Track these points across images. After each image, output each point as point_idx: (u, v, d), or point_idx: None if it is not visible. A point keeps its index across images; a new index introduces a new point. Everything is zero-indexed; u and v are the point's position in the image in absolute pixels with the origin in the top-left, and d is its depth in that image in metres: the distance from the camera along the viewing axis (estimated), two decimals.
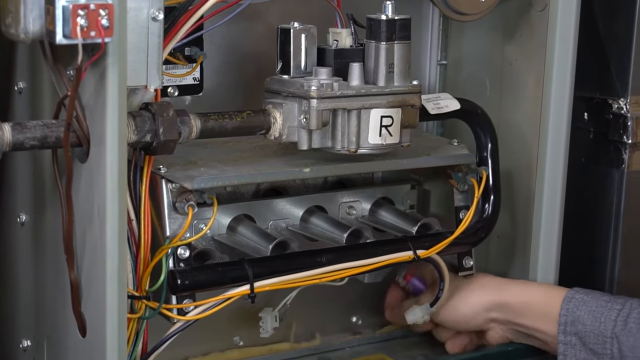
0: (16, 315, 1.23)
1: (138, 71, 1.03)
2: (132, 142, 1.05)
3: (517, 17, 1.32)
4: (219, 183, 1.13)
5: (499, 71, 1.36)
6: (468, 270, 1.32)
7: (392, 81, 1.17)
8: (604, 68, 1.42)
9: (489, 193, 1.29)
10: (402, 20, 1.17)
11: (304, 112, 1.13)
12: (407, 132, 1.19)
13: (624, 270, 1.44)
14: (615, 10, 1.40)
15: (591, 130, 1.45)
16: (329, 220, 1.26)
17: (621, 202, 1.43)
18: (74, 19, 0.91)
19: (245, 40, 1.30)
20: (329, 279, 1.19)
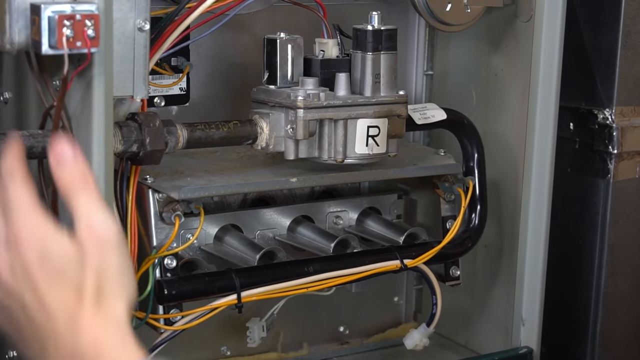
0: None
1: (124, 81, 1.03)
2: (118, 152, 1.05)
3: (503, 27, 1.33)
4: (206, 193, 1.13)
5: (484, 81, 1.37)
6: (455, 280, 1.32)
7: (379, 91, 1.17)
8: (589, 78, 1.43)
9: (476, 203, 1.30)
10: (389, 31, 1.17)
11: (290, 122, 1.14)
12: (393, 142, 1.20)
13: (610, 279, 1.44)
14: (600, 21, 1.41)
15: (577, 140, 1.46)
16: (316, 230, 1.26)
17: (607, 212, 1.43)
18: (59, 29, 0.91)
19: (231, 51, 1.30)
20: (316, 288, 1.19)
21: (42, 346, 0.85)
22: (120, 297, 0.84)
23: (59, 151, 0.85)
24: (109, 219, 0.85)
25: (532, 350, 1.35)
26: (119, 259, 0.84)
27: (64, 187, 0.85)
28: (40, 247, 0.84)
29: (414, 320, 1.48)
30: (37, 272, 0.83)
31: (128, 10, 1.01)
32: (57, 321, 0.83)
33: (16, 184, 0.86)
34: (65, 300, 0.83)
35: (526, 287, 1.34)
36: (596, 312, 1.45)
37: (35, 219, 0.85)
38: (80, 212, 0.84)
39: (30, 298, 0.84)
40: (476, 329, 1.42)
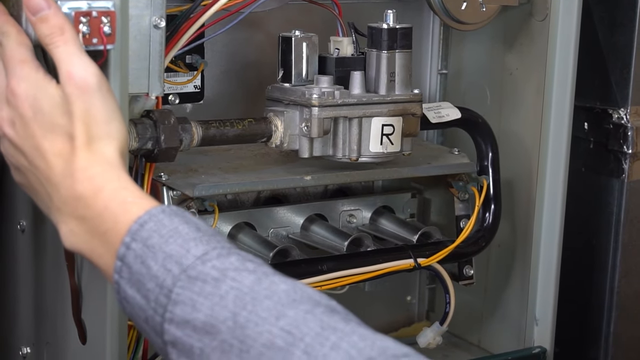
0: (16, 322, 1.23)
1: (139, 78, 1.03)
2: (133, 149, 1.05)
3: (518, 26, 1.32)
4: (220, 191, 1.13)
5: (499, 80, 1.36)
6: (468, 279, 1.32)
7: (393, 90, 1.17)
8: (604, 78, 1.42)
9: (490, 202, 1.29)
10: (404, 29, 1.17)
11: (305, 120, 1.14)
12: (408, 140, 1.19)
13: (623, 279, 1.44)
14: (616, 21, 1.40)
15: (591, 140, 1.45)
16: (329, 229, 1.26)
17: (621, 211, 1.43)
18: (76, 26, 0.91)
19: (246, 49, 1.30)
20: (330, 287, 1.19)
21: (47, 193, 0.89)
22: (109, 140, 0.88)
23: (33, 3, 0.89)
24: (89, 65, 0.88)
25: (545, 350, 1.34)
26: (104, 104, 0.88)
27: (43, 39, 0.89)
28: (32, 99, 0.88)
29: (427, 319, 1.47)
30: (32, 123, 0.88)
31: (144, 7, 1.02)
32: (55, 167, 0.87)
33: (10, 40, 0.91)
34: (59, 148, 0.87)
35: (540, 287, 1.33)
36: (610, 312, 1.45)
37: (27, 72, 0.89)
38: (59, 60, 0.88)
39: (30, 148, 0.89)
40: (489, 329, 1.42)
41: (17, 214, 1.19)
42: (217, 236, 0.84)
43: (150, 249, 0.82)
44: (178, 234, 0.83)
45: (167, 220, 0.84)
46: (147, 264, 0.82)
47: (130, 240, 0.83)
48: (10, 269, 1.22)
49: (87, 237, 0.87)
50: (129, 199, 0.86)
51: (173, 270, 0.81)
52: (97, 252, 0.87)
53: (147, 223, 0.84)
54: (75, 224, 0.87)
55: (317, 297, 0.80)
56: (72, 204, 0.87)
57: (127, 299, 0.84)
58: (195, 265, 0.81)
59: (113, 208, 0.85)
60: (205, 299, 0.79)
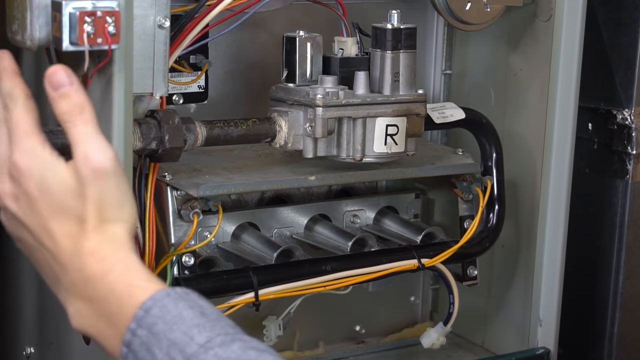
0: (20, 322, 1.23)
1: (144, 78, 1.03)
2: (137, 149, 1.05)
3: (522, 27, 1.32)
4: (224, 191, 1.13)
5: (503, 81, 1.36)
6: (472, 279, 1.32)
7: (398, 90, 1.17)
8: (608, 79, 1.42)
9: (494, 203, 1.29)
10: (408, 30, 1.17)
11: (309, 120, 1.14)
12: (412, 141, 1.19)
13: (627, 280, 1.44)
14: (620, 21, 1.40)
15: (595, 140, 1.45)
16: (333, 229, 1.26)
17: (625, 212, 1.42)
18: (80, 25, 0.91)
19: (250, 49, 1.30)
20: (333, 287, 1.19)
21: (55, 272, 0.88)
22: (121, 222, 0.86)
23: (55, 79, 0.86)
24: (106, 147, 0.86)
25: (549, 350, 1.34)
26: (117, 188, 0.86)
27: (61, 115, 0.86)
28: (38, 178, 0.85)
29: (430, 320, 1.47)
30: (39, 203, 0.86)
31: (148, 7, 1.02)
32: (64, 248, 0.86)
33: (18, 105, 0.87)
34: (68, 230, 0.85)
35: (543, 288, 1.33)
36: (613, 313, 1.45)
37: (33, 146, 0.86)
38: (76, 141, 0.85)
39: (36, 227, 0.87)
40: (493, 329, 1.42)
41: None
42: (221, 320, 0.83)
43: (155, 336, 0.81)
44: (182, 320, 0.82)
45: (172, 305, 0.83)
46: (152, 352, 0.81)
47: (136, 327, 0.82)
48: (14, 269, 1.22)
49: (94, 319, 0.86)
50: (136, 282, 0.85)
51: (177, 359, 0.80)
52: (103, 335, 0.86)
53: (151, 309, 0.83)
54: (82, 305, 0.86)
55: None
56: (80, 285, 0.86)
57: None
58: (198, 354, 0.80)
59: (119, 291, 0.84)
60: None
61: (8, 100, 0.88)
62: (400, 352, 1.41)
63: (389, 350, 1.42)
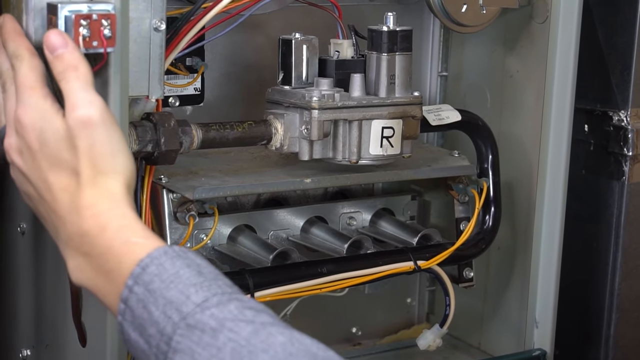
0: (16, 324, 1.23)
1: (140, 81, 1.03)
2: (133, 151, 1.05)
3: (518, 29, 1.32)
4: (220, 193, 1.13)
5: (499, 83, 1.36)
6: (468, 281, 1.32)
7: (393, 92, 1.17)
8: (604, 80, 1.42)
9: (490, 204, 1.29)
10: (404, 32, 1.17)
11: (305, 122, 1.14)
12: (408, 143, 1.19)
13: (624, 282, 1.44)
14: (616, 23, 1.40)
15: (591, 142, 1.45)
16: (329, 231, 1.26)
17: (621, 214, 1.42)
18: (76, 29, 0.91)
19: (246, 51, 1.30)
20: (330, 289, 1.19)
21: (55, 226, 0.90)
22: (115, 175, 0.88)
23: (51, 42, 0.90)
24: (94, 98, 0.88)
25: (545, 352, 1.34)
26: (108, 137, 0.88)
27: (57, 75, 0.89)
28: (38, 130, 0.88)
29: (427, 321, 1.47)
30: (39, 155, 0.88)
31: (144, 10, 1.02)
32: (61, 202, 0.87)
33: (23, 64, 0.91)
34: (65, 183, 0.87)
35: (540, 289, 1.33)
36: (610, 314, 1.45)
37: (35, 100, 0.89)
38: (66, 94, 0.88)
39: (37, 180, 0.89)
40: (489, 331, 1.42)
41: (18, 217, 1.19)
42: (218, 280, 0.84)
43: (152, 293, 0.82)
44: (179, 278, 0.83)
45: (169, 263, 0.84)
46: (148, 309, 0.82)
47: (133, 284, 0.83)
48: (10, 271, 1.22)
49: (92, 274, 0.87)
50: (133, 238, 0.86)
51: (173, 318, 0.81)
52: (102, 291, 0.87)
53: (148, 266, 0.84)
54: (81, 260, 0.87)
55: (314, 349, 0.79)
56: (77, 240, 0.87)
57: (131, 342, 0.84)
58: (195, 314, 0.81)
59: (116, 248, 0.85)
60: (204, 350, 0.79)
61: (14, 60, 0.92)
62: (397, 354, 1.41)
63: (385, 352, 1.42)
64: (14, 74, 0.91)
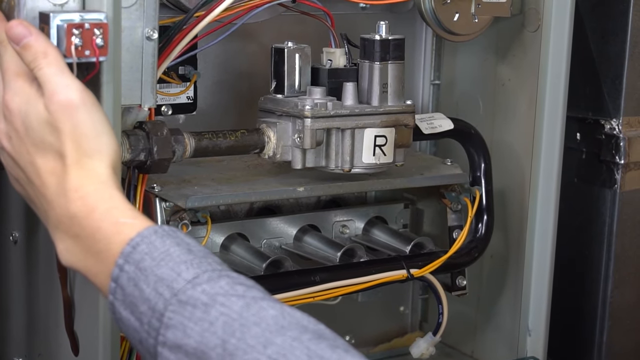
0: (8, 333, 1.22)
1: (132, 90, 1.03)
2: (126, 160, 1.05)
3: (510, 37, 1.33)
4: (213, 202, 1.13)
5: (492, 91, 1.37)
6: (461, 289, 1.32)
7: (386, 101, 1.17)
8: (596, 89, 1.43)
9: (482, 213, 1.29)
10: (396, 40, 1.17)
11: (298, 131, 1.14)
12: (400, 151, 1.20)
13: (616, 290, 1.44)
14: (608, 31, 1.41)
15: (584, 150, 1.45)
16: (322, 239, 1.26)
17: (614, 222, 1.43)
18: (68, 38, 0.91)
19: (239, 60, 1.30)
20: (323, 297, 1.19)
21: (44, 209, 0.90)
22: (100, 156, 0.88)
23: (14, 33, 0.90)
24: (71, 82, 0.89)
25: None
26: (90, 119, 0.88)
27: (28, 65, 0.90)
28: (24, 115, 0.89)
29: (420, 329, 1.47)
30: (25, 140, 0.89)
31: (136, 19, 1.02)
32: (49, 185, 0.88)
33: (8, 49, 0.91)
34: (51, 166, 0.88)
35: (532, 297, 1.33)
36: (602, 322, 1.45)
37: (21, 85, 0.90)
38: (43, 82, 0.89)
39: (26, 163, 0.90)
40: (482, 339, 1.42)
41: (10, 225, 1.19)
42: (208, 257, 0.85)
43: (143, 271, 0.83)
44: (169, 256, 0.83)
45: (159, 242, 0.84)
46: (139, 287, 0.83)
47: (124, 263, 0.84)
48: (2, 280, 1.22)
49: (82, 255, 0.87)
50: (121, 219, 0.86)
51: (164, 294, 0.81)
52: (92, 271, 0.87)
53: (139, 245, 0.84)
54: (70, 242, 0.88)
55: (305, 322, 0.80)
56: (66, 223, 0.87)
57: (122, 320, 0.84)
58: (186, 290, 0.81)
59: (105, 229, 0.86)
60: (195, 325, 0.80)
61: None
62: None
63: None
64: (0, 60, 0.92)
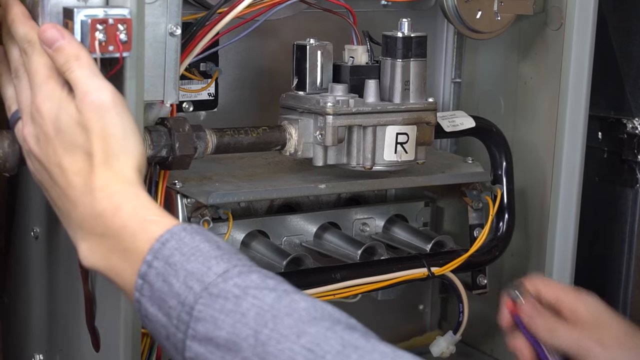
0: (29, 329, 1.23)
1: (155, 86, 1.03)
2: (148, 156, 1.04)
3: (533, 35, 1.32)
4: (235, 199, 1.13)
5: (513, 90, 1.36)
6: (482, 288, 1.31)
7: (408, 98, 1.17)
8: (618, 87, 1.42)
9: (504, 211, 1.29)
10: (418, 38, 1.17)
11: (319, 128, 1.13)
12: (422, 149, 1.19)
13: (637, 290, 1.44)
14: (631, 30, 1.40)
15: (605, 149, 1.45)
16: (342, 237, 1.26)
17: (635, 221, 1.42)
18: (92, 33, 0.91)
19: (260, 56, 1.30)
20: (343, 295, 1.19)
21: (67, 210, 0.90)
22: (126, 156, 0.89)
23: (47, 36, 0.91)
24: (103, 84, 0.90)
25: None
26: (120, 121, 0.89)
27: (60, 67, 0.90)
28: (55, 118, 0.89)
29: (439, 328, 1.47)
30: (54, 142, 0.90)
31: (160, 15, 1.02)
32: (75, 185, 0.89)
33: (36, 50, 0.92)
34: (78, 166, 0.89)
35: None
36: None
37: (53, 89, 0.90)
38: (74, 84, 0.90)
39: (52, 166, 0.90)
40: (502, 338, 1.40)
41: (31, 221, 1.19)
42: (238, 254, 0.85)
43: (172, 266, 0.83)
44: (199, 252, 0.84)
45: (189, 238, 0.85)
46: (169, 282, 0.83)
47: (152, 259, 0.84)
48: (23, 275, 1.22)
49: (106, 255, 0.88)
50: (148, 217, 0.87)
51: (195, 288, 0.81)
52: (116, 271, 0.87)
53: (168, 241, 0.84)
54: (95, 242, 0.88)
55: (337, 315, 0.80)
56: (91, 222, 0.88)
57: (149, 317, 0.84)
58: (217, 283, 0.81)
59: (132, 226, 0.86)
60: (227, 317, 0.80)
61: (26, 45, 0.93)
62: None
63: None
64: (27, 60, 0.92)
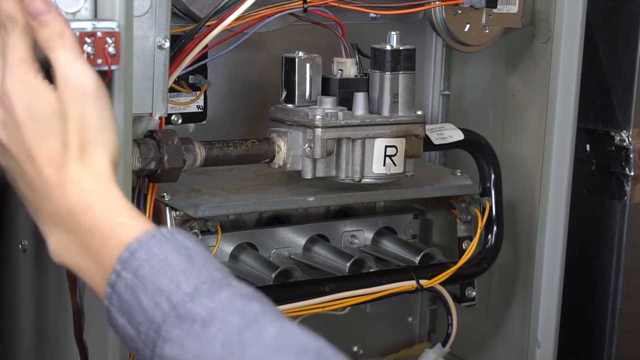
0: (17, 342, 1.22)
1: (144, 99, 1.03)
2: (136, 169, 1.04)
3: (521, 48, 1.33)
4: (224, 211, 1.13)
5: (501, 102, 1.36)
6: (471, 300, 1.32)
7: (397, 111, 1.17)
8: (606, 100, 1.42)
9: (492, 223, 1.29)
10: (407, 51, 1.17)
11: (308, 141, 1.14)
12: (410, 162, 1.19)
13: (625, 302, 1.44)
14: (618, 43, 1.40)
15: (593, 162, 1.45)
16: (331, 249, 1.26)
17: (623, 234, 1.42)
18: (80, 46, 0.91)
19: (249, 69, 1.30)
20: (332, 308, 1.19)
21: (36, 201, 0.87)
22: (101, 149, 0.86)
23: (33, 7, 0.86)
24: (85, 69, 0.86)
25: None
26: (99, 110, 0.86)
27: (41, 43, 0.86)
28: (26, 103, 0.85)
29: (428, 340, 1.47)
30: (24, 128, 0.85)
31: (148, 28, 1.02)
32: (46, 175, 0.85)
33: (16, 29, 0.87)
34: (51, 155, 0.85)
35: (542, 309, 1.33)
36: (612, 334, 1.44)
37: (24, 73, 0.86)
38: (56, 65, 0.86)
39: (19, 153, 0.86)
40: (491, 351, 1.41)
41: (19, 234, 1.19)
42: (208, 264, 0.82)
43: (141, 279, 0.81)
44: (168, 265, 0.81)
45: (158, 248, 0.82)
46: (137, 296, 0.81)
47: (121, 269, 0.82)
48: (11, 289, 1.22)
49: (76, 252, 0.85)
50: (119, 219, 0.84)
51: (162, 306, 0.80)
52: (87, 271, 0.85)
53: (137, 251, 0.82)
54: (65, 237, 0.85)
55: (305, 341, 0.78)
56: (62, 216, 0.85)
57: (119, 327, 0.83)
58: (185, 303, 0.79)
59: (102, 227, 0.84)
60: (194, 340, 0.78)
61: (7, 21, 0.87)
62: None
63: None
64: (5, 37, 0.88)
